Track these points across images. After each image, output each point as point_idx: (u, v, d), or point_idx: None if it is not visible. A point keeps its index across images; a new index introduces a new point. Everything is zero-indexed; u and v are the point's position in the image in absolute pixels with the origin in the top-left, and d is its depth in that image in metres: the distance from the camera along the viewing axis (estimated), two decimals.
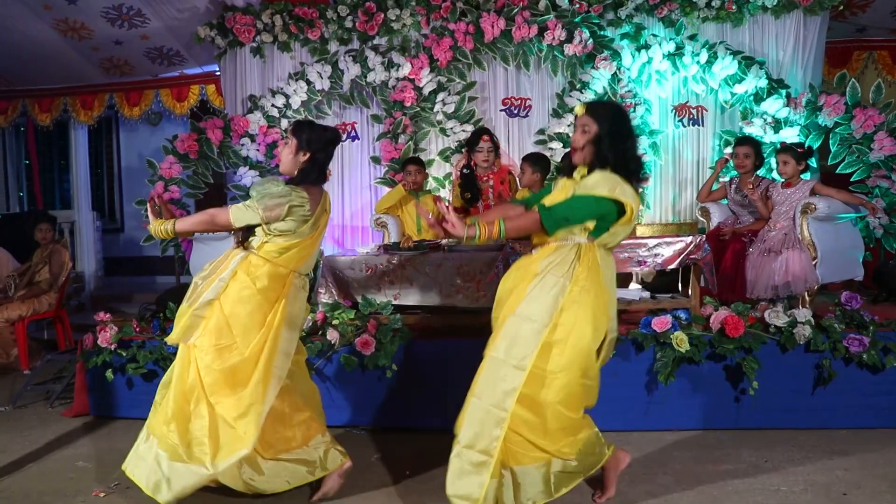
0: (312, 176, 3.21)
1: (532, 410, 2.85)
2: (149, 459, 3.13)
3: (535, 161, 5.49)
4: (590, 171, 2.92)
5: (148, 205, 3.35)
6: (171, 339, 3.22)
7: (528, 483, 2.88)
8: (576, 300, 2.83)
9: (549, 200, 3.00)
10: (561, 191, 3.02)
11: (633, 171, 2.93)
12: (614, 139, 2.88)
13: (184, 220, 3.22)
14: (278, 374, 3.14)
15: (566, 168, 3.10)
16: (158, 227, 3.22)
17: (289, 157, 3.19)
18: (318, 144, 3.20)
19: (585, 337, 2.84)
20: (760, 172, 5.42)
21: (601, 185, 2.83)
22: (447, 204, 2.90)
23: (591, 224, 2.85)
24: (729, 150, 6.16)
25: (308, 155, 3.18)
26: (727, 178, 5.61)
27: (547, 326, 2.79)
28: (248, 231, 3.20)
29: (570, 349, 2.83)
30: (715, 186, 5.67)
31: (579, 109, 2.96)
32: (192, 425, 3.08)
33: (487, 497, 2.77)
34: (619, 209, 2.84)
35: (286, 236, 3.14)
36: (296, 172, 3.20)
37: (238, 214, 3.11)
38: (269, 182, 3.10)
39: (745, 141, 5.40)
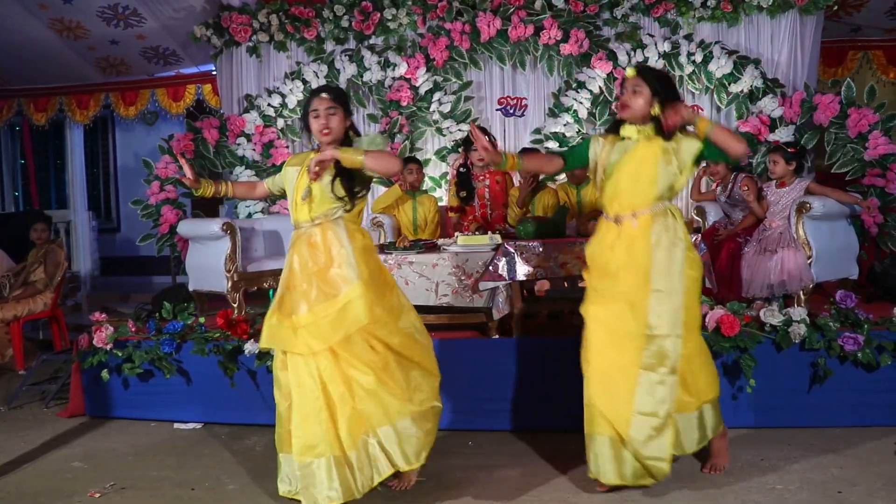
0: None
1: (688, 366, 3.17)
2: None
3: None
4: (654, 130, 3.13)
5: (186, 166, 3.46)
6: (315, 344, 3.04)
7: (709, 416, 3.28)
8: (689, 257, 3.14)
9: (604, 159, 3.22)
10: (617, 148, 3.20)
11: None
12: (667, 101, 3.09)
13: (369, 156, 3.03)
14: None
15: (610, 129, 3.33)
16: (346, 154, 3.03)
17: (340, 124, 3.14)
18: (350, 109, 3.24)
19: (699, 284, 3.24)
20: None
21: (691, 142, 3.11)
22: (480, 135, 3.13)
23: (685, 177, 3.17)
24: None
25: (349, 122, 3.21)
26: (714, 186, 5.62)
27: (682, 292, 3.09)
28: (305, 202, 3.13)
29: (695, 302, 3.21)
30: (710, 185, 5.69)
31: (630, 72, 3.17)
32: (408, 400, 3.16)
33: (671, 442, 3.09)
34: None
35: (363, 197, 3.21)
36: (343, 136, 3.17)
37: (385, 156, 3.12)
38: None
39: None
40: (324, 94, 3.13)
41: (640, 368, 3.06)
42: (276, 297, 3.18)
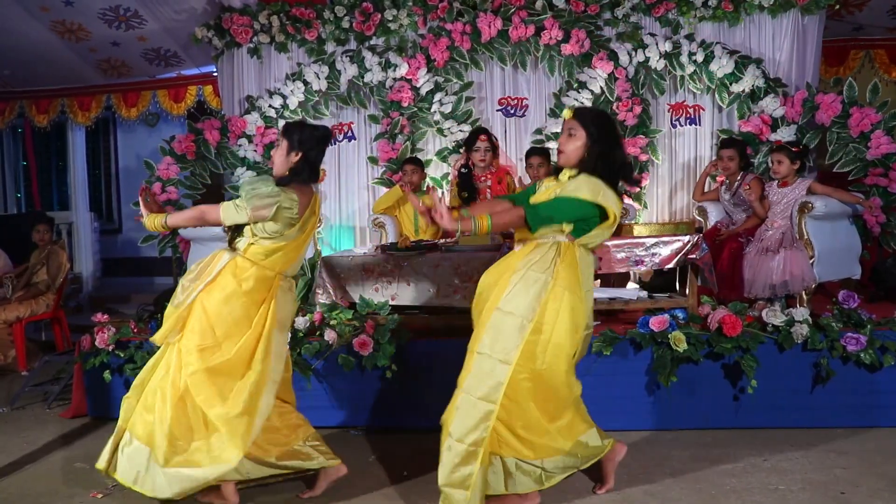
0: (304, 175, 3.23)
1: (520, 404, 2.93)
2: (138, 461, 3.15)
3: (544, 153, 5.56)
4: (578, 174, 2.97)
5: (140, 198, 3.40)
6: (157, 339, 3.24)
7: (518, 474, 3.00)
8: (557, 297, 2.90)
9: (535, 199, 3.07)
10: (545, 191, 3.08)
11: (619, 177, 3.02)
12: (601, 146, 2.96)
13: (175, 216, 3.27)
14: (273, 378, 3.17)
15: (554, 168, 3.19)
16: (151, 221, 3.27)
17: (281, 158, 3.22)
18: (310, 143, 3.22)
19: (565, 333, 2.92)
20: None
21: (584, 188, 2.90)
22: (441, 196, 2.96)
23: (568, 226, 2.93)
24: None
25: (300, 155, 3.20)
26: (719, 181, 5.61)
27: (530, 321, 2.88)
28: (236, 232, 3.21)
29: (552, 346, 2.91)
30: (711, 185, 5.68)
31: (567, 113, 3.04)
32: (178, 427, 3.08)
33: (476, 484, 2.83)
34: (602, 213, 2.92)
35: (273, 239, 3.14)
36: (287, 172, 3.20)
37: (228, 213, 3.12)
38: (259, 181, 3.11)
39: (728, 143, 5.43)
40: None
41: (460, 389, 2.94)
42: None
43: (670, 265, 4.34)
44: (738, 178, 5.34)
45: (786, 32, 6.27)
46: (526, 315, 2.88)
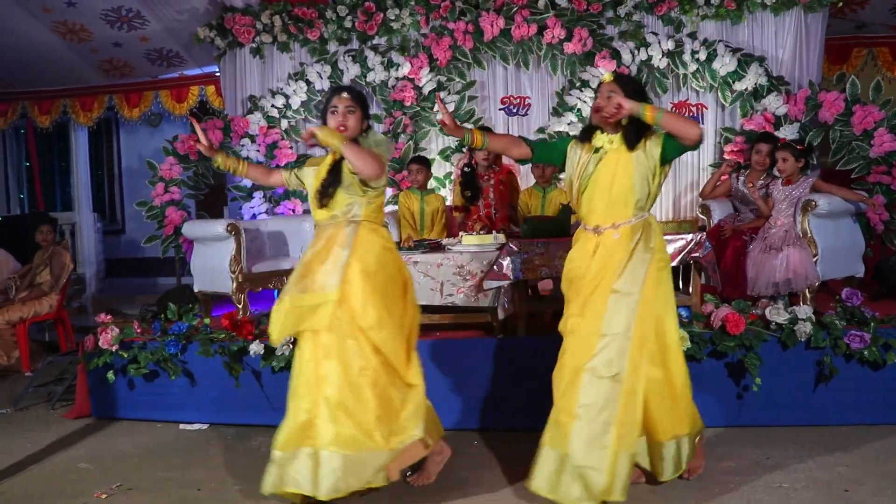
0: None
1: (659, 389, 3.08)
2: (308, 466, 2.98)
3: None
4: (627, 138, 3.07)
5: (199, 131, 3.47)
6: (319, 324, 3.05)
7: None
8: (662, 269, 3.10)
9: (578, 170, 3.17)
10: (581, 157, 3.17)
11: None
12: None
13: (350, 146, 3.08)
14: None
15: (582, 137, 3.23)
16: (328, 135, 3.10)
17: (356, 123, 3.20)
18: (368, 114, 3.35)
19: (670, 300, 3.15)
20: None
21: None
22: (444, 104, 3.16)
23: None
24: (730, 147, 6.16)
25: (367, 122, 3.30)
26: (730, 171, 5.56)
27: (640, 299, 2.99)
28: (325, 200, 3.15)
29: (669, 319, 3.11)
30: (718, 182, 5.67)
31: (608, 77, 3.12)
32: (381, 408, 3.04)
33: (613, 465, 2.89)
34: None
35: (378, 192, 3.20)
36: (358, 136, 3.21)
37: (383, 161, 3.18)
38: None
39: (768, 138, 5.34)
40: (345, 94, 3.20)
41: (585, 371, 2.98)
42: (284, 290, 3.20)
43: (674, 263, 4.32)
44: (763, 177, 5.27)
45: (788, 30, 6.27)
46: (636, 293, 3.03)
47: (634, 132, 3.05)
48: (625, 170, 3.05)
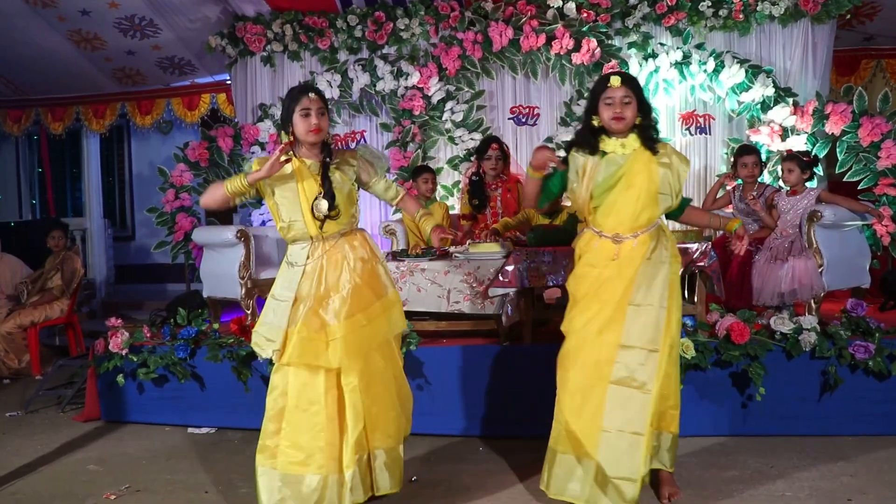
0: None
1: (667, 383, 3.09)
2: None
3: None
4: (627, 135, 3.12)
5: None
6: (350, 357, 3.04)
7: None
8: (675, 273, 3.12)
9: (588, 177, 3.11)
10: (586, 163, 3.11)
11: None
12: (645, 109, 3.15)
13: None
14: None
15: (585, 144, 3.16)
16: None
17: (326, 125, 3.13)
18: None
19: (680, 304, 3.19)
20: (767, 180, 5.42)
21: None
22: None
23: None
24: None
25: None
26: (730, 187, 5.60)
27: (659, 309, 3.01)
28: (331, 212, 3.11)
29: (675, 322, 3.09)
30: (720, 193, 5.68)
31: (616, 81, 3.07)
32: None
33: (644, 475, 2.97)
34: None
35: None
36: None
37: None
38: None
39: (751, 150, 5.39)
40: (313, 95, 3.06)
41: (610, 383, 2.98)
42: (296, 312, 3.06)
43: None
44: (754, 189, 5.28)
45: (796, 42, 6.28)
46: (656, 304, 3.04)
47: (652, 134, 3.15)
48: (651, 177, 3.07)
